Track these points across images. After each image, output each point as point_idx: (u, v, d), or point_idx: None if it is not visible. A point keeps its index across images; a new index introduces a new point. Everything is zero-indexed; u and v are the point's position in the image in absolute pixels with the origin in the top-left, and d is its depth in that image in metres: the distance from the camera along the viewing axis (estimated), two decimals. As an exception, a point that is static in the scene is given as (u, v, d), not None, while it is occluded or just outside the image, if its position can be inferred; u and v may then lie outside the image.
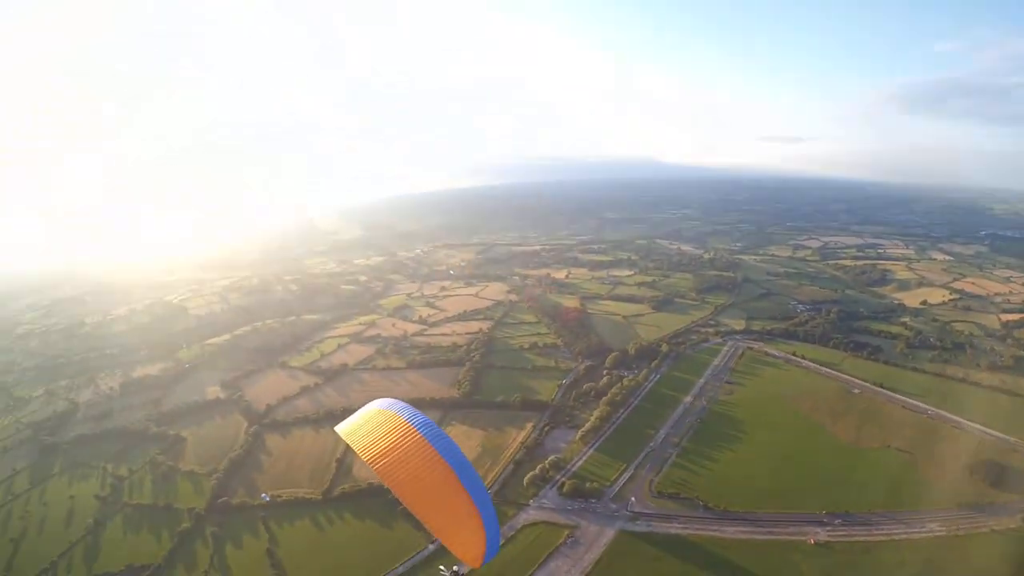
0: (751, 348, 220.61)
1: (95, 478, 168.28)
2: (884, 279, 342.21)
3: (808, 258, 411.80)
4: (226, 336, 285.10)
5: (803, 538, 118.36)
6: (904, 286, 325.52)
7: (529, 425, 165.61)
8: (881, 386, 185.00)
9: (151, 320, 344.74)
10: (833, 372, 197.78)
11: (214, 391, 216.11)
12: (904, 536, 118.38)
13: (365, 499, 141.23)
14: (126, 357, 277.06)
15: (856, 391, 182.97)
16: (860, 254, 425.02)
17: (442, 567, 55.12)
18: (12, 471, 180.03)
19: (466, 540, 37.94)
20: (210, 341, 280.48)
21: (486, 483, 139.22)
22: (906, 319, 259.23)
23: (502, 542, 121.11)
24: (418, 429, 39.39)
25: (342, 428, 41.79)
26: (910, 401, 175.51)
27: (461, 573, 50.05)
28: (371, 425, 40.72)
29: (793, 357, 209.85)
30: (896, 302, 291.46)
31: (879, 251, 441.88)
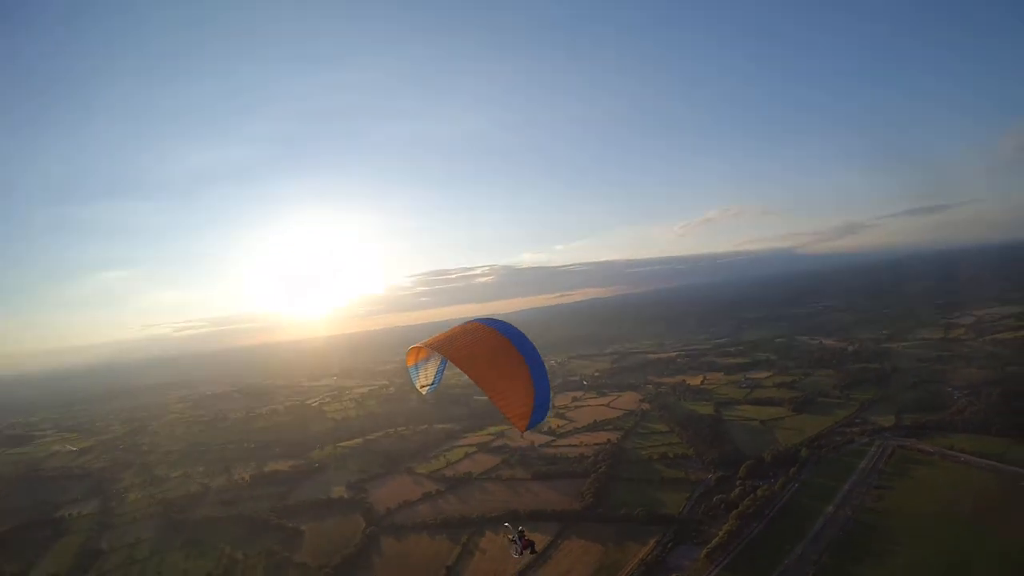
0: (902, 446, 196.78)
1: (211, 558, 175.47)
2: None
3: (962, 336, 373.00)
4: (358, 440, 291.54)
5: None
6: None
7: (652, 541, 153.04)
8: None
9: (290, 420, 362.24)
10: (997, 464, 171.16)
11: (339, 491, 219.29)
12: None
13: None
14: (261, 452, 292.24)
15: None
16: (1019, 323, 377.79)
17: (507, 524, 53.09)
18: (136, 539, 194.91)
19: (515, 401, 37.29)
20: (342, 443, 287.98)
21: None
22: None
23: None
24: (477, 320, 42.25)
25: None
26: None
27: (524, 534, 50.26)
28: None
29: (950, 452, 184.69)
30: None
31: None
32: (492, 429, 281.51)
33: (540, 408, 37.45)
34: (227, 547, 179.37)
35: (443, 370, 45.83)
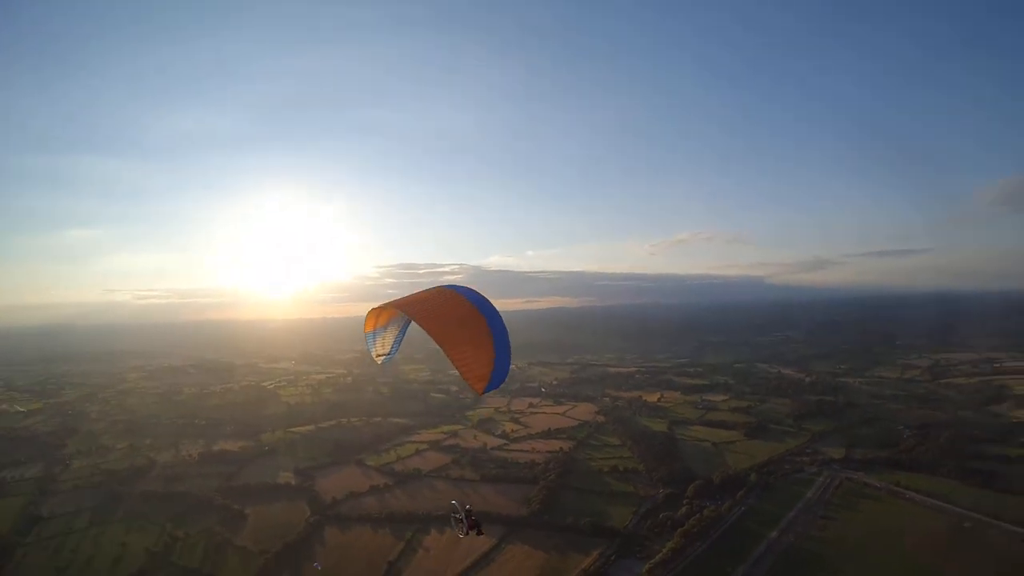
0: (849, 479, 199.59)
1: (151, 533, 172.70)
2: (1001, 395, 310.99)
3: (918, 378, 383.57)
4: (311, 427, 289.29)
5: None
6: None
7: (595, 552, 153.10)
8: (997, 518, 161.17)
9: (244, 401, 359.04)
10: (942, 504, 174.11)
11: (286, 476, 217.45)
12: None
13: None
14: (212, 430, 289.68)
15: (968, 525, 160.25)
16: (974, 370, 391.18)
17: (454, 502, 53.35)
18: (77, 508, 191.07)
19: (475, 364, 37.93)
20: (294, 429, 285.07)
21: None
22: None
23: None
24: (443, 286, 42.25)
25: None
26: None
27: (472, 514, 51.12)
28: None
29: (897, 488, 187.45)
30: (1014, 420, 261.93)
31: (995, 365, 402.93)
32: (446, 428, 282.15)
33: (499, 372, 37.91)
34: (168, 524, 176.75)
35: (401, 340, 45.65)
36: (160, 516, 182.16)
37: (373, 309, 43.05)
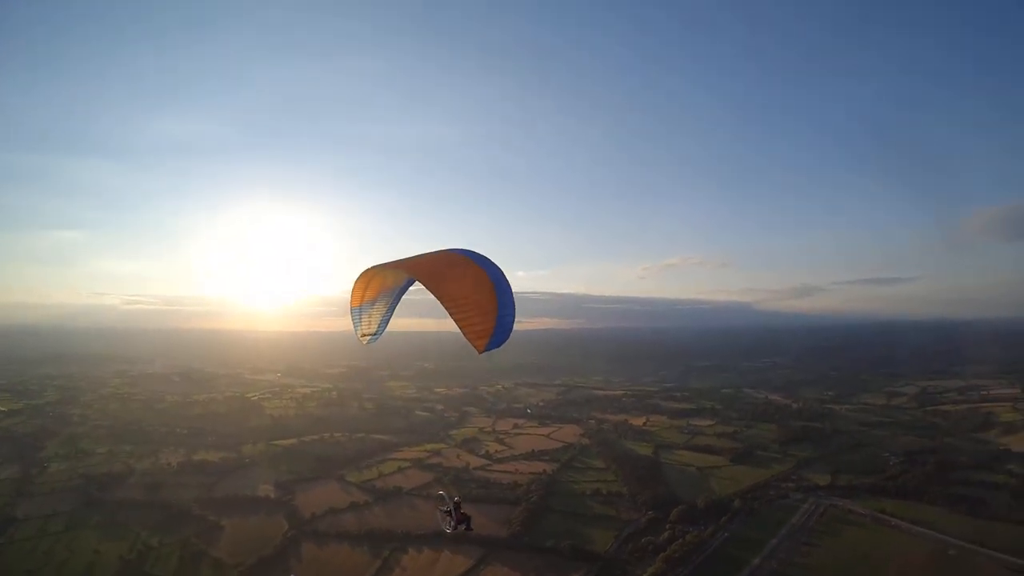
0: (834, 506, 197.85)
1: (126, 541, 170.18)
2: (988, 423, 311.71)
3: (905, 405, 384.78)
4: (293, 440, 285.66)
5: None
6: (1010, 429, 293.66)
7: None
8: (983, 545, 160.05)
9: (227, 411, 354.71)
10: (927, 531, 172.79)
11: (266, 489, 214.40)
12: None
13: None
14: (193, 440, 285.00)
15: (953, 552, 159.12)
16: (961, 397, 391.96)
17: (441, 492, 51.70)
18: (52, 512, 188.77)
19: (477, 320, 37.18)
20: (276, 442, 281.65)
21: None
22: (1012, 466, 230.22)
23: None
24: (444, 249, 40.34)
25: None
26: (1018, 562, 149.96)
27: (460, 507, 49.89)
28: None
29: (882, 515, 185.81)
30: (1001, 447, 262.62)
31: (982, 392, 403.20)
32: (429, 446, 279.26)
33: (501, 330, 37.46)
34: (144, 532, 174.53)
35: (389, 318, 44.07)
36: (136, 524, 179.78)
37: (365, 272, 41.21)
